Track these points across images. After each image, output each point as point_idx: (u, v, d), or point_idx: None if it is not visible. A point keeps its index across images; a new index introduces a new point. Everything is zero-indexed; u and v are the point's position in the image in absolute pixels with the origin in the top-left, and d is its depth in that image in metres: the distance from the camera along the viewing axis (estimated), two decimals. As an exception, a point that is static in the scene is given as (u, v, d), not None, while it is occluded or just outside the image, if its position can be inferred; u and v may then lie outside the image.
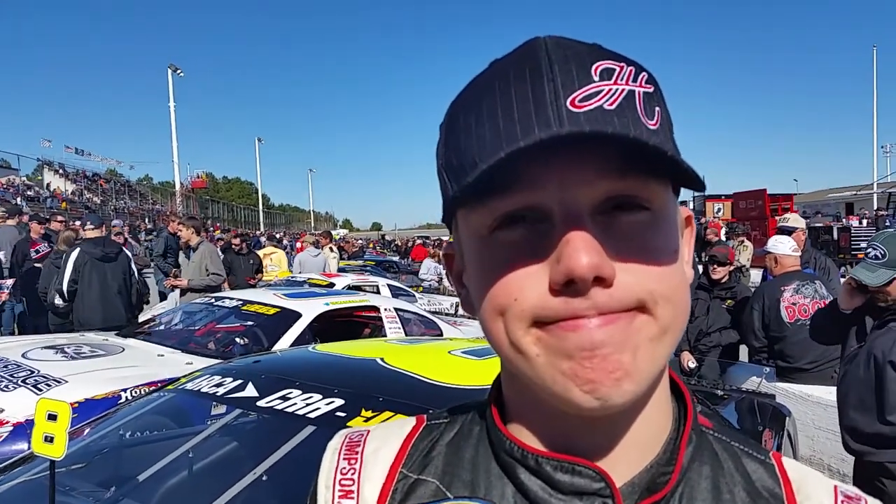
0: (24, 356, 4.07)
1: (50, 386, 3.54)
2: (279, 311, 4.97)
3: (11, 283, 7.25)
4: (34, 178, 41.31)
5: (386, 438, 0.61)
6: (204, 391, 2.18)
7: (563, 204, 0.45)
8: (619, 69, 0.46)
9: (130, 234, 17.10)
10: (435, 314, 6.72)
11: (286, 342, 4.63)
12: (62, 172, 43.61)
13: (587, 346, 0.44)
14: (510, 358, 0.49)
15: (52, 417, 1.42)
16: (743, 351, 5.17)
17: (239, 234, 11.67)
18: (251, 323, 5.10)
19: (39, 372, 3.74)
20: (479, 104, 0.47)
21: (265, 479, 1.80)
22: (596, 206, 0.46)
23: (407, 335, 5.37)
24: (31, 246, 8.25)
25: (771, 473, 0.56)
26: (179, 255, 7.72)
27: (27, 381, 3.60)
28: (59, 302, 6.10)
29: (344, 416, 1.84)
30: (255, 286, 8.12)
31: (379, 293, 8.45)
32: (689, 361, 4.80)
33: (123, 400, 3.44)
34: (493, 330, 0.49)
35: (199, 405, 2.41)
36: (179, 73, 40.49)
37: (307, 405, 1.92)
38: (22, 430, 3.10)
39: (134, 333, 5.15)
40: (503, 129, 0.44)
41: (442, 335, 5.70)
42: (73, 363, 4.06)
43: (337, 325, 5.41)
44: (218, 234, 18.11)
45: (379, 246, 39.12)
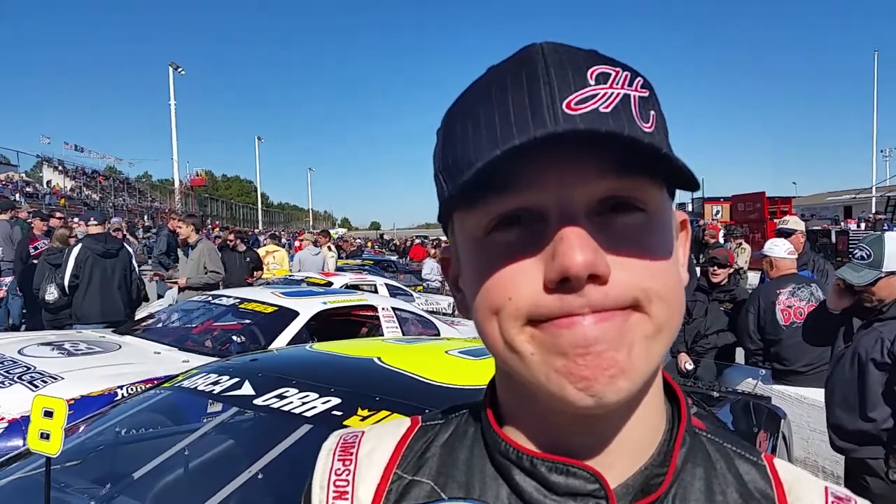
0: (20, 353, 4.06)
1: (46, 382, 3.54)
2: (276, 309, 4.97)
3: (10, 279, 7.23)
4: (33, 174, 41.28)
5: (380, 439, 0.61)
6: (200, 389, 2.17)
7: (559, 204, 0.46)
8: (614, 74, 0.46)
9: (129, 231, 17.07)
10: (432, 314, 6.72)
11: (283, 341, 4.63)
12: (61, 169, 43.59)
13: (581, 343, 0.45)
14: (505, 357, 0.49)
15: (48, 414, 1.42)
16: (739, 353, 5.18)
17: (234, 230, 11.65)
18: (248, 321, 5.10)
19: (35, 368, 3.74)
20: (475, 110, 0.47)
21: (261, 477, 1.80)
22: (592, 206, 0.46)
23: (404, 334, 5.38)
24: (30, 242, 8.26)
25: (763, 475, 0.56)
26: (178, 252, 7.71)
27: (23, 377, 3.60)
28: (49, 298, 6.18)
29: (340, 415, 1.84)
30: (252, 285, 8.11)
31: (377, 292, 8.45)
32: (686, 363, 4.80)
33: (119, 397, 3.44)
34: (487, 330, 0.50)
35: (195, 403, 2.40)
36: (180, 71, 40.41)
37: (304, 404, 1.92)
38: (17, 426, 3.10)
39: (131, 331, 5.15)
40: (500, 131, 0.45)
41: (439, 335, 5.70)
42: (69, 360, 4.05)
43: (334, 324, 5.41)
44: (216, 231, 18.07)
45: (377, 245, 39.07)
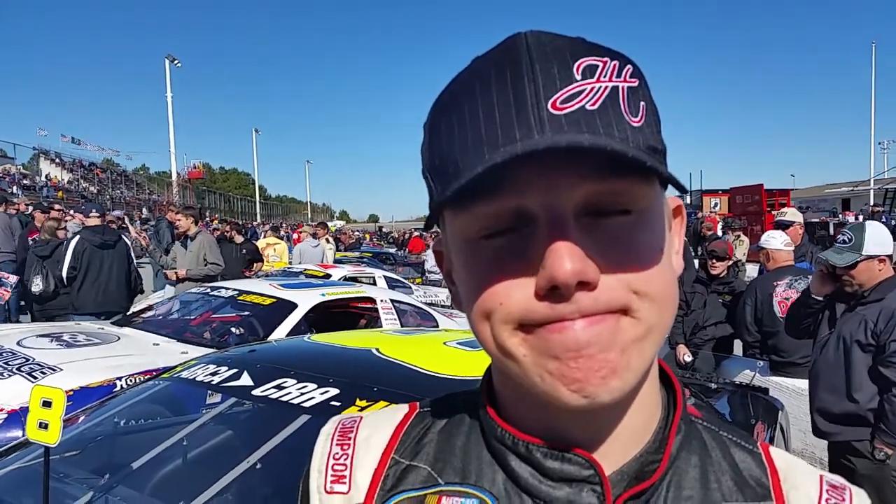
0: (18, 344, 4.07)
1: (45, 374, 3.54)
2: (275, 301, 4.98)
3: (16, 279, 7.26)
4: (30, 167, 41.14)
5: (378, 425, 0.61)
6: (199, 380, 2.18)
7: (546, 208, 0.45)
8: (602, 65, 0.45)
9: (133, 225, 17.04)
10: (431, 305, 6.73)
11: (282, 332, 4.63)
12: (58, 162, 43.44)
13: (573, 346, 0.45)
14: (498, 358, 0.50)
15: (46, 404, 1.43)
16: (737, 345, 5.19)
17: (231, 222, 11.66)
18: (247, 313, 5.10)
19: (34, 360, 3.74)
20: (460, 106, 0.47)
21: (259, 467, 1.81)
22: (580, 209, 0.45)
23: (403, 326, 5.38)
24: (30, 234, 8.30)
25: (758, 462, 0.57)
26: (176, 244, 7.70)
27: (22, 368, 3.60)
28: (35, 289, 6.32)
29: (339, 405, 1.84)
30: (250, 278, 8.10)
31: (375, 284, 8.46)
32: (684, 355, 4.82)
33: (118, 388, 3.44)
34: (480, 332, 0.50)
35: (194, 393, 2.41)
36: (177, 63, 40.16)
37: (302, 394, 1.92)
38: (16, 417, 3.10)
39: (129, 322, 5.15)
40: (485, 133, 0.44)
41: (438, 326, 5.71)
42: (68, 351, 4.06)
43: (333, 315, 5.41)
44: (215, 224, 18.05)
45: (376, 238, 39.04)
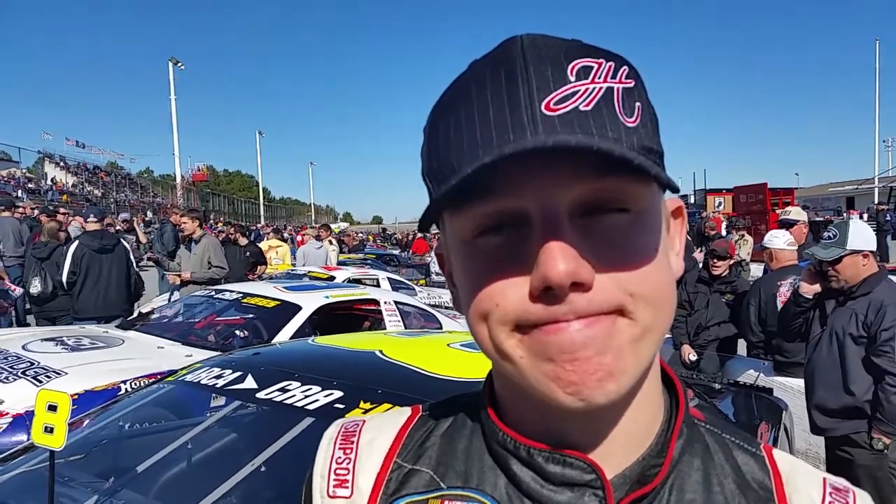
0: (24, 348, 4.08)
1: (50, 377, 3.55)
2: (279, 303, 4.98)
3: (21, 291, 7.30)
4: (35, 170, 41.30)
5: (381, 428, 0.61)
6: (203, 383, 2.18)
7: (541, 209, 0.45)
8: (596, 66, 0.45)
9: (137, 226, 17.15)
10: (435, 307, 6.73)
11: (286, 335, 4.64)
12: (63, 165, 43.64)
13: (568, 348, 0.45)
14: (495, 360, 0.50)
15: (52, 408, 1.43)
16: (741, 344, 5.18)
17: (235, 224, 11.70)
18: (251, 316, 5.11)
19: (39, 364, 3.76)
20: (457, 109, 0.47)
21: (263, 470, 1.81)
22: (574, 208, 0.45)
23: (406, 328, 5.38)
24: (35, 238, 8.33)
25: (761, 465, 0.56)
26: (182, 248, 7.73)
27: (27, 372, 3.61)
28: (33, 291, 6.38)
29: (343, 407, 1.85)
30: (254, 281, 8.11)
31: (379, 286, 8.46)
32: (689, 355, 4.80)
33: (123, 392, 3.45)
34: (477, 333, 0.50)
35: (198, 397, 2.41)
36: (180, 66, 40.25)
37: (306, 397, 1.93)
38: (21, 421, 3.11)
39: (134, 325, 5.16)
40: (480, 135, 0.44)
41: (441, 328, 5.71)
42: (72, 355, 4.07)
43: (337, 317, 5.42)
44: (220, 226, 18.09)
45: (379, 239, 39.05)
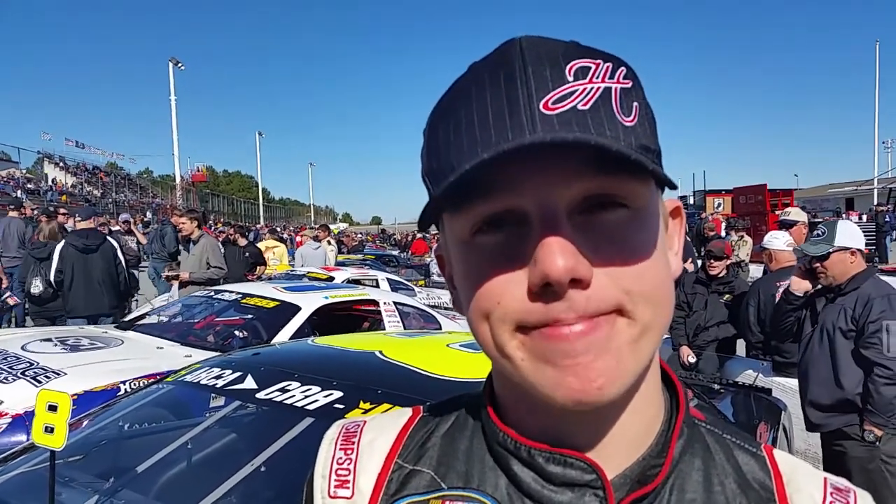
0: (23, 348, 4.08)
1: (49, 378, 3.55)
2: (278, 304, 4.98)
3: (15, 303, 7.33)
4: (34, 171, 41.29)
5: (382, 429, 0.61)
6: (203, 383, 2.18)
7: (539, 206, 0.45)
8: (594, 67, 0.45)
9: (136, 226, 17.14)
10: (434, 308, 6.73)
11: (285, 335, 4.63)
12: (62, 165, 43.61)
13: (569, 353, 0.45)
14: (496, 360, 0.50)
15: (52, 408, 1.43)
16: (740, 345, 5.19)
17: (235, 225, 11.70)
18: (250, 316, 5.12)
19: (38, 364, 3.75)
20: (456, 111, 0.47)
21: (263, 470, 1.81)
22: (573, 206, 0.46)
23: (406, 328, 5.39)
24: (33, 238, 8.35)
25: (762, 465, 0.56)
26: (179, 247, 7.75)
27: (26, 373, 3.61)
28: (35, 291, 6.41)
29: (342, 408, 1.85)
30: (252, 282, 8.11)
31: (378, 287, 8.46)
32: (688, 356, 4.81)
33: (122, 392, 3.45)
34: (479, 333, 0.50)
35: (198, 397, 2.41)
36: (180, 66, 40.21)
37: (306, 397, 1.93)
38: (21, 421, 3.11)
39: (133, 326, 5.16)
40: (479, 135, 0.45)
41: (441, 328, 5.71)
42: (72, 355, 4.07)
43: (336, 318, 5.43)
44: (220, 227, 18.08)
45: (378, 240, 39.04)
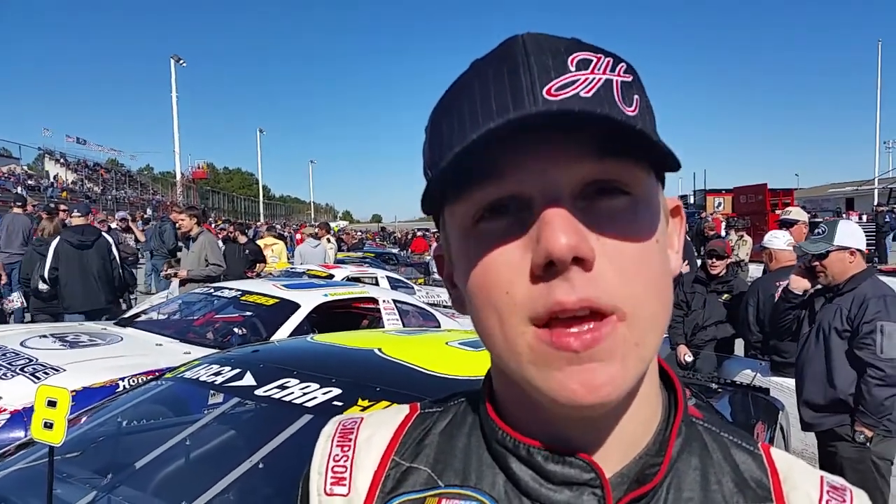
0: (22, 344, 4.08)
1: (48, 374, 3.55)
2: (278, 301, 4.98)
3: (18, 305, 7.32)
4: (35, 167, 41.27)
5: (379, 426, 0.61)
6: (202, 380, 2.19)
7: (542, 190, 0.45)
8: (596, 60, 0.46)
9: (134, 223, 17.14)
10: (434, 306, 6.73)
11: (284, 333, 4.63)
12: (63, 162, 43.60)
13: (574, 361, 0.45)
14: (502, 357, 0.49)
15: (51, 404, 1.44)
16: (738, 344, 5.19)
17: (235, 222, 11.72)
18: (250, 313, 5.11)
19: (38, 360, 3.76)
20: (460, 105, 0.47)
21: (262, 466, 1.81)
22: (576, 190, 0.46)
23: (405, 326, 5.39)
24: (33, 234, 8.38)
25: (759, 464, 0.56)
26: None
27: (25, 369, 3.61)
28: (42, 287, 6.42)
29: (341, 405, 1.85)
30: (253, 278, 8.11)
31: (378, 285, 8.46)
32: (685, 355, 4.81)
33: (121, 388, 3.45)
34: (487, 327, 0.49)
35: (197, 394, 2.41)
36: (182, 63, 40.26)
37: (304, 394, 1.93)
38: (20, 417, 3.11)
39: (132, 322, 5.16)
40: (481, 120, 0.45)
41: (440, 326, 5.71)
42: (71, 352, 4.07)
43: (335, 316, 5.42)
44: (220, 224, 18.08)
45: (378, 238, 39.03)
